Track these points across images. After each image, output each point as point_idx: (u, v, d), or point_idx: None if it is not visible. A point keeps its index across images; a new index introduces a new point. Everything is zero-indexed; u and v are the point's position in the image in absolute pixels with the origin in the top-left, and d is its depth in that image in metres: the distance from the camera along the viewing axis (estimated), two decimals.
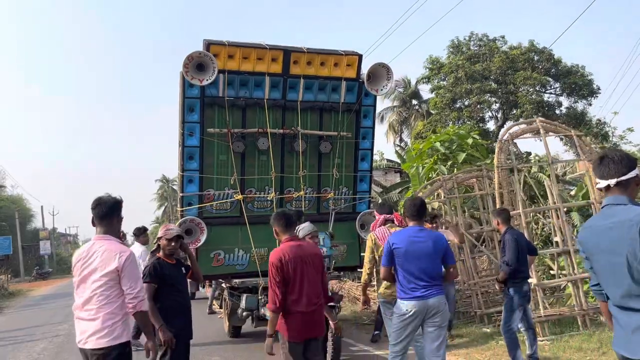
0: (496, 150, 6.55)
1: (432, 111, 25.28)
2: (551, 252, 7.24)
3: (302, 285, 4.09)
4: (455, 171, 10.32)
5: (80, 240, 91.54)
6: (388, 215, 5.23)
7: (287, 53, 7.47)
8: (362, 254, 12.49)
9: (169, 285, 4.41)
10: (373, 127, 8.37)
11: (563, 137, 22.82)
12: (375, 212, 5.41)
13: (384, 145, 62.21)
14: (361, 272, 5.62)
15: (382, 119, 33.23)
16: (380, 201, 17.35)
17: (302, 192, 7.83)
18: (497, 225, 5.63)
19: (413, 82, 31.43)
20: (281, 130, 7.65)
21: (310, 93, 7.77)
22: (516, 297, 5.36)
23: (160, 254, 4.55)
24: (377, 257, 5.09)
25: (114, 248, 3.43)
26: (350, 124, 8.07)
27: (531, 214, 10.47)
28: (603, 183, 2.39)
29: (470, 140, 11.40)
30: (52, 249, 47.81)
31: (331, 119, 7.98)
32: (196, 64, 7.00)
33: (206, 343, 8.19)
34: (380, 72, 7.86)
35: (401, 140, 32.95)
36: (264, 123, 7.53)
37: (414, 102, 32.85)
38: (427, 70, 24.35)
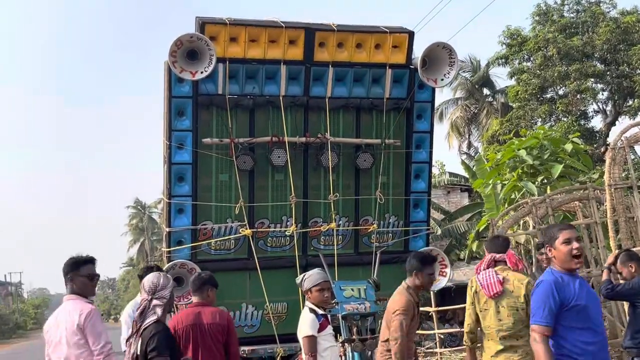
0: (607, 162, 6.57)
1: (512, 104, 25.22)
2: None
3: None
4: (548, 190, 10.27)
5: (26, 291, 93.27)
6: (498, 255, 5.27)
7: (310, 33, 7.67)
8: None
9: (178, 356, 4.67)
10: (431, 132, 8.53)
11: None
12: (485, 249, 5.54)
13: (445, 153, 61.86)
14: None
15: (441, 117, 33.28)
16: (490, 235, 17.45)
17: (333, 224, 7.96)
18: (632, 271, 5.72)
19: (483, 65, 31.42)
20: (303, 139, 7.84)
21: (343, 86, 7.97)
22: None
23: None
24: (478, 310, 5.16)
25: (75, 307, 4.55)
26: (399, 127, 8.25)
27: None
28: None
29: (568, 147, 11.36)
30: None
31: (372, 122, 8.19)
32: (187, 51, 7.20)
33: None
34: (440, 55, 7.96)
35: (469, 146, 32.94)
36: (280, 129, 7.73)
37: (486, 91, 32.85)
38: (504, 47, 24.39)
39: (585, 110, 23.68)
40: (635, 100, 21.72)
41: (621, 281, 6.04)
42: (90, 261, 4.84)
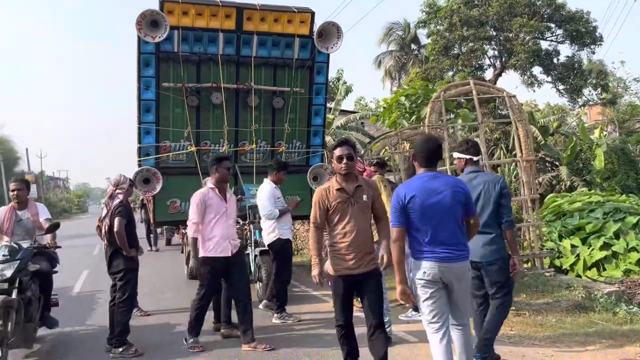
0: (428, 111, 7.37)
1: (430, 57, 25.60)
2: None
3: None
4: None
5: (72, 184, 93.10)
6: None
7: (240, 10, 8.20)
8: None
9: (132, 224, 5.62)
10: (326, 84, 9.23)
11: (558, 90, 23.48)
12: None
13: (380, 92, 62.03)
14: None
15: (379, 65, 33.57)
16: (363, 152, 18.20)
17: (254, 145, 8.72)
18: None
19: (412, 26, 31.51)
20: (235, 86, 8.44)
21: (264, 49, 8.51)
22: None
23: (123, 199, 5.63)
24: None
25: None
26: (304, 80, 8.86)
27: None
28: None
29: (435, 94, 12.07)
30: (40, 194, 49.36)
31: (285, 75, 8.76)
32: (150, 21, 7.78)
33: (163, 284, 9.34)
34: (331, 30, 8.59)
35: (399, 87, 33.35)
36: (218, 78, 8.31)
37: (413, 47, 33.04)
38: (424, 14, 24.53)
39: (482, 64, 24.14)
40: (514, 58, 22.28)
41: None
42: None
